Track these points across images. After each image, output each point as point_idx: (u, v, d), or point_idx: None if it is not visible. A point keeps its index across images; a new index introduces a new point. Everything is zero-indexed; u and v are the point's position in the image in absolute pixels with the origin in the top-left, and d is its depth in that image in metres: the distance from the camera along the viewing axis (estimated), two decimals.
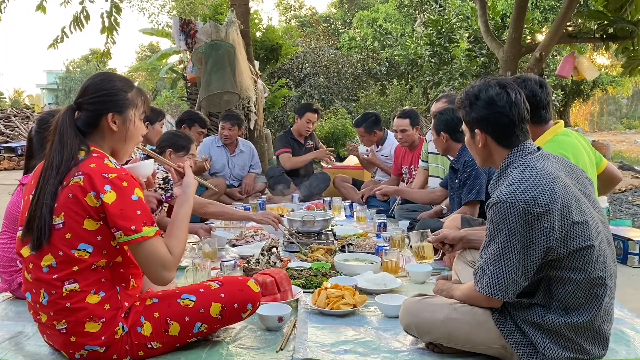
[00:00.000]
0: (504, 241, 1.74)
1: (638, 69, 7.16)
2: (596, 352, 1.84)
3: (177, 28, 6.78)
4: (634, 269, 3.47)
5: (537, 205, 1.70)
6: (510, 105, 1.86)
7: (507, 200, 1.73)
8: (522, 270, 1.74)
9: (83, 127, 1.91)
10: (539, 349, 1.80)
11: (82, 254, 1.83)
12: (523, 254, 1.73)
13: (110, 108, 1.91)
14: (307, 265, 3.12)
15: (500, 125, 1.88)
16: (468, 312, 1.92)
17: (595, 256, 1.77)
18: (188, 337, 2.00)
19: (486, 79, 1.95)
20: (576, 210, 1.76)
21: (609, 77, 20.41)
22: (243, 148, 5.91)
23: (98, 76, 1.98)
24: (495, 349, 1.91)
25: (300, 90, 14.86)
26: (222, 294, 2.01)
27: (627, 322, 2.40)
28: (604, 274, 1.79)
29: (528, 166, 1.81)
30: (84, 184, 1.80)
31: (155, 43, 33.37)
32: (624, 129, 25.96)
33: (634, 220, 5.17)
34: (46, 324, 1.90)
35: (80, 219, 1.81)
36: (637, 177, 8.41)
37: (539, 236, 1.71)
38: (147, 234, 1.84)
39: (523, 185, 1.74)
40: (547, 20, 14.88)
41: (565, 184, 1.79)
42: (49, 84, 41.33)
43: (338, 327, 2.32)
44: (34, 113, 16.00)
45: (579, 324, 1.78)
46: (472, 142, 1.99)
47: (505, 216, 1.73)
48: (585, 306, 1.78)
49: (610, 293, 1.84)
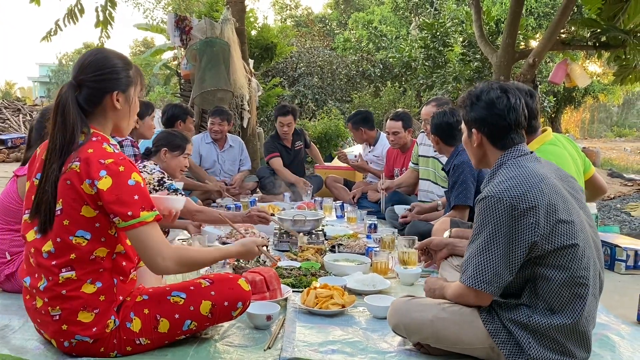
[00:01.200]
0: (490, 235, 1.79)
1: (629, 77, 7.23)
2: (580, 354, 1.86)
3: (172, 24, 6.75)
4: (620, 275, 3.50)
5: (524, 201, 1.75)
6: (508, 110, 1.92)
7: (495, 195, 1.78)
8: (507, 264, 1.78)
9: (85, 105, 1.88)
10: (525, 349, 1.82)
11: (80, 241, 1.82)
12: (508, 248, 1.77)
13: (114, 86, 1.90)
14: (296, 265, 3.12)
15: (497, 127, 1.94)
16: (456, 312, 1.95)
17: (580, 256, 1.80)
18: (177, 334, 1.99)
19: (490, 82, 2.02)
20: (563, 210, 1.80)
21: (601, 84, 20.58)
22: (232, 143, 5.89)
23: (98, 53, 1.94)
24: (483, 349, 1.92)
25: (294, 90, 14.86)
26: (213, 292, 2.00)
27: (613, 328, 2.42)
28: (587, 273, 1.82)
29: (518, 165, 1.87)
30: (80, 170, 1.79)
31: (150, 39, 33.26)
32: (614, 136, 26.19)
33: (621, 227, 5.21)
34: (40, 310, 1.89)
35: (78, 206, 1.81)
36: (626, 184, 8.50)
37: (524, 232, 1.76)
38: (145, 218, 1.82)
39: (511, 182, 1.80)
40: (541, 26, 14.97)
41: (554, 184, 1.84)
42: (41, 77, 41.04)
43: (326, 327, 2.32)
44: (25, 106, 15.88)
45: (563, 325, 1.80)
46: (468, 141, 2.06)
47: (492, 210, 1.79)
48: (569, 307, 1.81)
49: (593, 294, 1.86)
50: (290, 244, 3.61)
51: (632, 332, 2.39)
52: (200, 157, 5.73)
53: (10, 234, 2.64)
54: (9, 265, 2.63)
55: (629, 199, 7.12)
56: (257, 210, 3.61)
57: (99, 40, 7.40)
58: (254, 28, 10.51)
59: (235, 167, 5.94)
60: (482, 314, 1.90)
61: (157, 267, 1.88)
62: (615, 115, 31.15)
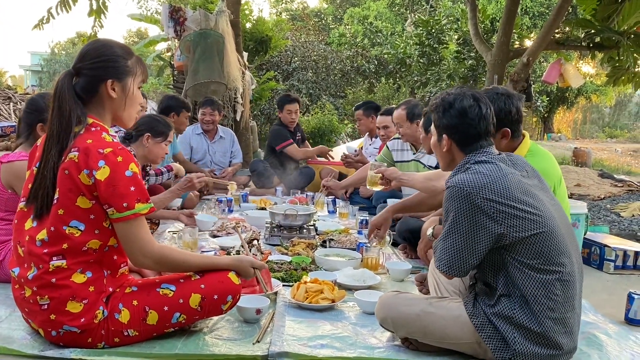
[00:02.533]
0: (453, 222, 1.87)
1: (622, 79, 7.28)
2: (567, 343, 1.86)
3: (166, 15, 6.71)
4: (609, 275, 3.52)
5: (484, 192, 1.82)
6: (479, 119, 1.98)
7: (457, 185, 1.86)
8: (469, 250, 1.85)
9: (82, 92, 1.89)
10: (510, 343, 1.84)
11: (73, 231, 1.82)
12: (470, 236, 1.84)
13: (109, 74, 1.90)
14: (287, 259, 3.11)
15: (467, 135, 2.00)
16: (443, 306, 1.98)
17: (552, 242, 1.83)
18: (166, 326, 1.98)
19: (462, 89, 2.05)
20: (527, 202, 1.84)
21: (594, 85, 20.71)
22: (223, 134, 5.87)
23: (98, 42, 1.96)
24: (469, 344, 1.93)
25: (288, 84, 14.82)
26: (203, 285, 1.99)
27: (601, 327, 2.43)
28: (564, 260, 1.85)
29: (483, 161, 1.93)
30: (79, 160, 1.79)
31: (144, 29, 33.03)
32: (606, 137, 26.35)
33: (611, 227, 5.25)
34: (28, 299, 1.88)
35: (74, 196, 1.81)
36: (616, 185, 8.55)
37: (486, 222, 1.82)
38: (140, 210, 1.83)
39: (474, 175, 1.86)
40: (536, 26, 15.04)
41: (518, 180, 1.88)
42: (32, 66, 40.64)
43: (316, 322, 2.32)
44: (16, 94, 15.72)
45: (544, 314, 1.81)
46: (437, 145, 2.11)
47: (454, 200, 1.86)
48: (549, 295, 1.82)
49: (572, 282, 1.87)
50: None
51: (619, 331, 2.41)
52: (191, 148, 5.71)
53: None
54: None
55: (619, 200, 7.17)
56: (197, 177, 3.73)
57: (92, 30, 7.34)
58: (249, 21, 10.46)
59: (226, 159, 5.91)
60: (468, 309, 1.92)
61: (137, 262, 1.91)
62: (607, 117, 31.34)
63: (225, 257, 2.16)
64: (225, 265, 2.08)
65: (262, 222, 3.96)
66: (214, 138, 5.80)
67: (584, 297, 2.84)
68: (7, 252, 2.56)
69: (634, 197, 7.39)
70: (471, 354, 1.97)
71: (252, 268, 2.14)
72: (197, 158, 5.71)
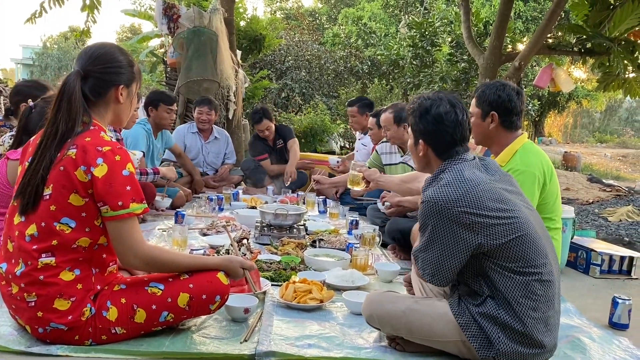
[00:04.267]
0: (431, 235, 1.91)
1: (612, 84, 7.34)
2: (549, 341, 1.90)
3: (160, 11, 6.69)
4: (595, 279, 3.56)
5: (459, 205, 1.85)
6: (455, 125, 2.01)
7: (432, 199, 1.89)
8: (450, 260, 1.88)
9: (90, 95, 1.94)
10: (494, 343, 1.87)
11: (64, 228, 1.83)
12: (449, 247, 1.87)
13: (121, 80, 1.98)
14: (276, 259, 3.12)
15: (442, 141, 2.03)
16: (429, 304, 2.03)
17: (529, 245, 1.87)
18: (154, 325, 1.99)
19: (439, 95, 2.08)
20: (501, 208, 1.88)
21: (585, 90, 20.84)
22: (218, 135, 5.86)
23: (107, 46, 2.00)
24: (455, 342, 1.95)
25: (281, 83, 14.80)
26: (191, 284, 1.99)
27: (585, 331, 2.46)
28: (542, 261, 1.89)
29: (456, 171, 1.95)
30: (76, 157, 1.81)
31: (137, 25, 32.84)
32: (596, 142, 26.54)
33: (598, 231, 5.30)
34: (15, 296, 1.88)
35: (67, 193, 1.82)
36: (604, 190, 8.63)
37: (464, 233, 1.85)
38: (134, 210, 1.85)
39: (447, 187, 1.89)
40: (528, 30, 15.12)
41: (490, 187, 1.91)
42: (24, 59, 40.28)
43: (304, 322, 2.33)
44: (7, 87, 15.59)
45: (527, 314, 1.85)
46: (414, 149, 2.15)
47: (430, 215, 1.90)
48: (530, 296, 1.86)
49: (551, 281, 1.92)
50: (271, 237, 3.60)
51: (603, 335, 2.44)
52: (185, 146, 5.70)
53: None
54: None
55: (607, 204, 7.25)
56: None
57: (85, 25, 7.30)
58: (243, 19, 10.42)
59: (219, 160, 5.91)
60: (453, 308, 1.95)
61: (126, 262, 1.92)
62: (597, 121, 31.57)
63: (215, 257, 2.17)
64: (214, 265, 2.09)
65: (252, 221, 3.96)
66: (208, 138, 5.79)
67: (570, 300, 2.90)
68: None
69: (621, 202, 7.47)
70: (456, 354, 1.99)
71: (242, 268, 2.14)
72: (190, 157, 5.70)
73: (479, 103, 2.71)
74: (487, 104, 2.67)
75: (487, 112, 2.67)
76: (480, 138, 2.79)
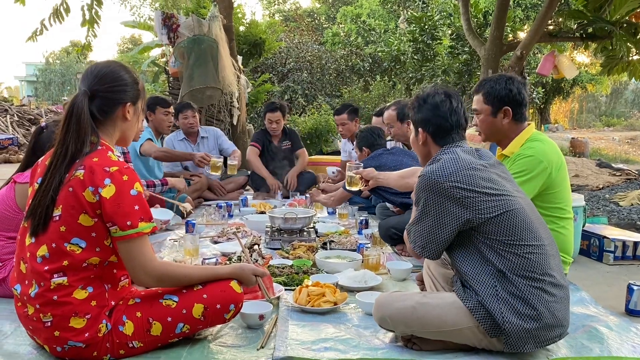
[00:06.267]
0: (422, 208, 2.04)
1: (616, 68, 7.28)
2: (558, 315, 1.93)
3: (159, 22, 6.71)
4: (609, 266, 3.54)
5: (451, 179, 1.97)
6: (451, 112, 2.16)
7: (426, 174, 2.02)
8: (439, 232, 2.00)
9: (98, 114, 1.95)
10: (499, 323, 1.89)
11: (74, 248, 1.84)
12: (438, 220, 1.99)
13: (127, 98, 2.00)
14: (288, 263, 3.13)
15: (440, 127, 2.17)
16: (436, 296, 2.09)
17: (517, 222, 1.95)
18: (170, 337, 2.00)
19: (436, 87, 2.24)
20: (490, 187, 1.98)
21: (589, 75, 20.71)
22: (204, 134, 5.73)
23: (113, 66, 2.02)
24: (469, 329, 1.96)
25: (283, 86, 14.84)
26: (205, 294, 2.00)
27: (601, 320, 2.45)
28: (533, 239, 1.95)
29: (452, 151, 2.10)
30: (84, 178, 1.82)
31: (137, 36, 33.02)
32: (603, 126, 26.36)
33: (610, 217, 5.27)
34: (32, 317, 1.90)
35: (76, 214, 1.83)
36: (614, 174, 8.56)
37: (453, 206, 1.96)
38: (143, 229, 1.86)
39: (443, 164, 2.02)
40: (528, 18, 15.03)
41: (482, 168, 2.02)
42: (27, 76, 40.63)
43: (319, 325, 2.33)
44: (13, 106, 15.74)
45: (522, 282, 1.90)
46: (415, 140, 2.27)
47: (424, 188, 2.02)
48: (523, 262, 1.92)
49: (545, 254, 1.97)
50: (283, 240, 3.61)
51: (620, 323, 2.42)
52: None
53: (3, 240, 2.61)
54: (1, 271, 2.61)
55: (617, 189, 7.19)
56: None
57: (86, 40, 7.34)
58: (242, 24, 10.45)
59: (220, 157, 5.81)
60: (459, 294, 1.99)
61: (138, 280, 1.94)
62: (603, 105, 31.35)
63: (227, 266, 2.17)
64: (227, 274, 2.09)
65: (262, 226, 3.97)
66: (196, 141, 5.71)
67: (585, 288, 2.88)
68: (10, 268, 2.57)
69: (632, 185, 7.41)
70: (474, 343, 2.00)
71: (254, 276, 2.15)
72: (185, 165, 5.67)
73: (489, 100, 2.64)
74: (498, 99, 2.62)
75: (498, 108, 2.63)
76: (490, 134, 2.72)
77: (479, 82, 2.77)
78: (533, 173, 2.51)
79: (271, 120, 5.72)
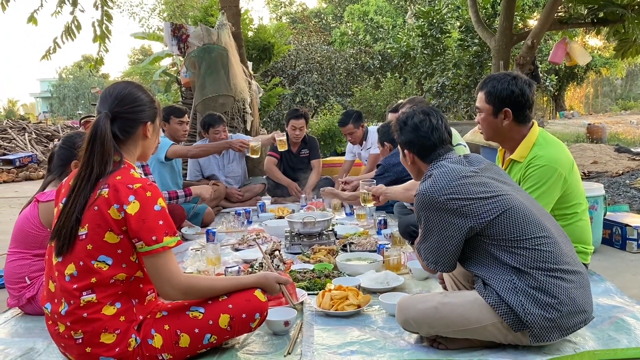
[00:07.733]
0: (425, 225, 2.10)
1: (630, 51, 7.20)
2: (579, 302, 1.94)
3: (169, 33, 6.78)
4: (632, 254, 3.50)
5: (445, 192, 2.02)
6: (432, 130, 2.22)
7: (421, 193, 2.09)
8: (447, 245, 2.04)
9: (120, 134, 2.01)
10: (521, 316, 1.91)
11: (101, 266, 1.89)
12: (443, 234, 2.04)
13: (146, 117, 2.06)
14: (310, 267, 3.14)
15: (423, 146, 2.24)
16: (458, 295, 2.12)
17: (519, 219, 1.98)
18: (198, 348, 2.03)
19: (413, 109, 2.31)
20: (483, 191, 2.02)
21: (602, 59, 20.43)
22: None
23: (131, 87, 2.07)
24: (493, 325, 1.97)
25: (294, 88, 14.88)
26: (230, 305, 2.04)
27: (628, 310, 2.42)
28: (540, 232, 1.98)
29: (440, 166, 2.15)
30: (109, 196, 1.87)
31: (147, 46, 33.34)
32: (619, 110, 25.98)
33: (631, 203, 5.20)
34: (63, 335, 1.94)
35: (102, 232, 1.88)
36: (633, 159, 8.45)
37: (453, 218, 2.00)
38: (168, 243, 1.90)
39: (433, 179, 2.08)
40: (537, 5, 14.87)
41: (474, 175, 2.07)
42: (42, 92, 41.27)
43: (344, 328, 2.35)
44: (30, 124, 16.01)
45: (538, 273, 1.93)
46: (405, 160, 2.36)
47: (421, 205, 2.09)
48: (535, 255, 1.95)
49: (555, 243, 1.99)
50: (301, 246, 3.63)
51: None
52: (200, 165, 5.71)
53: (30, 259, 2.68)
54: (29, 289, 2.67)
55: (638, 174, 7.09)
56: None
57: (98, 55, 7.45)
58: (250, 29, 10.51)
59: (238, 164, 5.85)
60: (480, 292, 2.00)
61: (164, 294, 1.97)
62: (619, 88, 30.91)
63: (250, 275, 2.21)
64: (251, 284, 2.13)
65: (281, 232, 4.00)
66: (221, 152, 5.74)
67: (609, 278, 2.86)
68: (39, 286, 2.63)
69: None
70: (500, 340, 2.00)
71: (277, 283, 2.18)
72: (207, 174, 5.71)
73: (490, 99, 2.57)
74: (499, 100, 2.54)
75: (499, 109, 2.55)
76: (491, 134, 2.66)
77: (483, 79, 2.69)
78: (549, 183, 2.46)
79: (295, 127, 5.74)
